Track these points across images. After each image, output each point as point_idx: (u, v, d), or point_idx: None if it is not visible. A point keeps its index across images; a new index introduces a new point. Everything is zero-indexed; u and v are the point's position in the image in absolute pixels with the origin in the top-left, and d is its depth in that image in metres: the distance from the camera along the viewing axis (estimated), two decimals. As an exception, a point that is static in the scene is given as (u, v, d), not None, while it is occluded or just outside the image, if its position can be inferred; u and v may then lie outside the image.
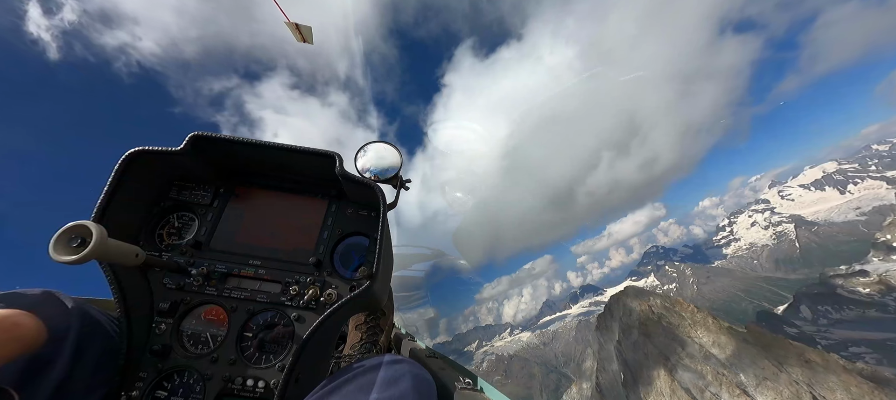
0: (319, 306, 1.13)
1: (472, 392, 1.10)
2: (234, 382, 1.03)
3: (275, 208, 1.26)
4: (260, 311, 1.11)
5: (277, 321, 1.11)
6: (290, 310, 1.12)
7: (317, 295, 1.13)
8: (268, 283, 1.14)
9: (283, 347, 1.09)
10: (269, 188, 1.27)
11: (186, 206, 1.21)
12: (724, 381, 50.52)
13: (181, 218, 1.20)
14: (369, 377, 0.88)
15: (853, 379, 44.18)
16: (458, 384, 1.14)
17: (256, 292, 1.13)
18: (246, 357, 1.07)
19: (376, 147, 1.39)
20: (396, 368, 0.94)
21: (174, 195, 1.20)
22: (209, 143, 1.08)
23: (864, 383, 43.56)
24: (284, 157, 1.15)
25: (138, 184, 1.07)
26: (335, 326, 1.19)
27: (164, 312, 1.05)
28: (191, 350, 1.06)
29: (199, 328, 1.08)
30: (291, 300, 1.12)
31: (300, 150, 1.09)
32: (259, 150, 1.11)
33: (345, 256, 1.23)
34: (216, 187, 1.23)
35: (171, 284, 1.09)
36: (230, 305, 1.10)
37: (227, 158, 1.18)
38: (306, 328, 1.03)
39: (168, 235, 1.17)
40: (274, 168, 1.25)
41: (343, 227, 1.25)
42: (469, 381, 1.21)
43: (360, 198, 1.26)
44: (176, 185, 1.21)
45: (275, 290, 1.14)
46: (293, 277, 1.15)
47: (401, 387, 0.87)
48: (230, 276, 1.14)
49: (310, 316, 1.11)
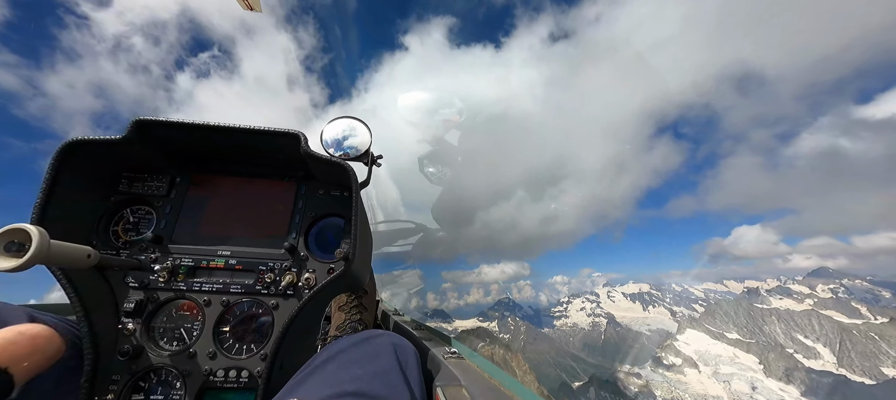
0: (298, 292, 1.09)
1: (459, 360, 1.10)
2: (216, 375, 1.00)
3: (240, 195, 1.19)
4: (235, 302, 1.08)
5: (255, 311, 1.08)
6: (268, 298, 1.09)
7: (294, 281, 1.09)
8: (240, 272, 1.10)
9: (264, 335, 1.06)
10: (231, 174, 1.20)
11: (141, 199, 1.12)
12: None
13: (136, 212, 1.12)
14: (351, 354, 0.87)
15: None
16: (446, 355, 1.14)
17: (229, 284, 1.08)
18: (226, 349, 1.04)
19: (343, 123, 1.30)
20: (378, 342, 0.93)
21: (125, 188, 1.11)
22: (156, 129, 1.00)
23: None
24: (243, 140, 1.07)
25: (80, 179, 0.99)
26: (317, 309, 1.17)
27: (131, 312, 1.00)
28: (165, 348, 1.02)
29: (171, 325, 1.04)
30: (267, 288, 1.09)
31: (259, 132, 1.02)
32: (213, 133, 1.03)
33: (320, 239, 1.19)
34: (171, 177, 1.15)
35: (133, 282, 1.03)
36: (202, 298, 1.06)
37: (180, 145, 1.11)
38: (286, 315, 1.02)
39: (124, 231, 1.09)
40: (234, 152, 1.17)
41: (315, 209, 1.20)
42: (455, 350, 1.22)
43: (330, 178, 1.21)
44: (125, 177, 1.12)
45: (249, 280, 1.09)
46: (267, 265, 1.10)
47: (383, 360, 0.85)
48: (198, 269, 1.08)
49: (289, 303, 1.09)
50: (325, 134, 1.26)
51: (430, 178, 7.93)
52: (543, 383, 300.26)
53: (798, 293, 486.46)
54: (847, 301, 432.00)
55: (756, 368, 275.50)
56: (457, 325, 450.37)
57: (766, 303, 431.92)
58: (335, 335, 1.66)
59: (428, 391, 0.92)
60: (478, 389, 0.83)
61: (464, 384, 0.88)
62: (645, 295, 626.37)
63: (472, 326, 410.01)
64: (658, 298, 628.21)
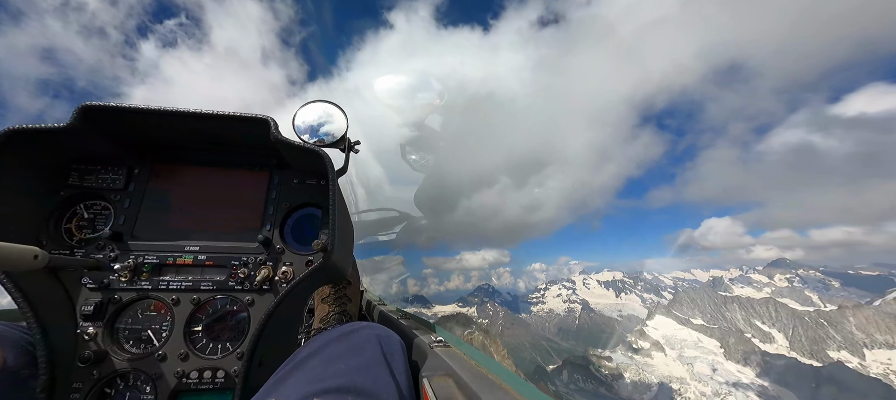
0: (274, 287, 1.04)
1: (445, 348, 1.07)
2: (189, 377, 0.96)
3: (208, 186, 1.11)
4: (207, 299, 1.02)
5: (230, 308, 1.03)
6: (243, 294, 1.03)
7: (270, 275, 1.04)
8: (211, 269, 1.03)
9: (240, 333, 1.02)
10: (196, 164, 1.11)
11: (95, 193, 1.03)
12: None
13: (91, 208, 1.03)
14: (334, 349, 0.84)
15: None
16: (432, 343, 1.11)
17: (199, 280, 1.02)
18: (198, 349, 0.99)
19: (317, 108, 1.20)
20: (362, 335, 0.90)
21: (76, 182, 1.02)
22: (106, 115, 0.89)
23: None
24: (207, 127, 0.99)
25: (22, 172, 0.90)
26: (297, 303, 1.12)
27: (90, 315, 0.93)
28: (131, 351, 0.96)
29: (137, 327, 0.98)
30: (241, 284, 1.03)
31: (223, 117, 0.94)
32: (172, 119, 0.94)
33: (297, 231, 1.13)
34: (129, 168, 1.06)
35: (91, 283, 0.96)
36: (170, 297, 1.00)
37: (136, 132, 1.01)
38: (262, 311, 0.98)
39: (78, 229, 1.01)
40: (198, 140, 1.08)
41: (290, 199, 1.14)
42: (440, 339, 1.19)
43: (305, 166, 1.14)
44: (75, 169, 1.02)
45: (221, 276, 1.03)
46: (240, 260, 1.04)
47: (368, 353, 0.82)
48: (165, 266, 1.01)
49: (265, 298, 1.04)
50: (297, 119, 1.17)
51: (413, 166, 7.39)
52: (520, 366, 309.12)
53: (758, 282, 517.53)
54: (801, 290, 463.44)
55: (717, 351, 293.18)
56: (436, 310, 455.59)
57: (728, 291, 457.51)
58: (319, 328, 1.61)
59: (414, 382, 0.90)
60: (464, 376, 0.81)
61: (450, 373, 0.86)
62: (618, 282, 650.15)
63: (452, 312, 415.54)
64: (630, 286, 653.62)
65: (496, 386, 0.76)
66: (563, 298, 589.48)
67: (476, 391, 0.73)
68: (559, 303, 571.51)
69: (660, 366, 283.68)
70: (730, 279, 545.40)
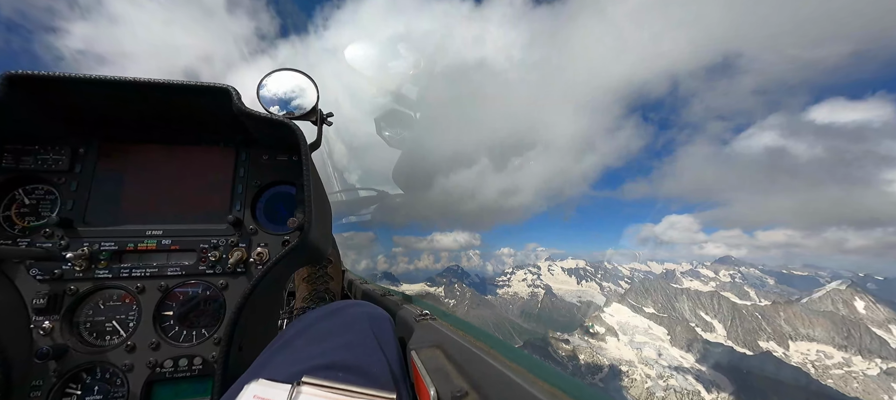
0: (249, 269, 0.99)
1: (431, 321, 1.07)
2: (164, 366, 0.91)
3: (166, 166, 1.01)
4: (176, 285, 0.96)
5: (203, 293, 0.97)
6: (215, 278, 0.98)
7: (244, 257, 0.98)
8: (178, 253, 0.97)
9: (216, 318, 0.97)
10: (151, 141, 1.01)
11: (35, 176, 0.93)
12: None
13: (32, 193, 0.93)
14: (322, 326, 0.82)
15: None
16: (417, 317, 1.10)
17: (165, 266, 0.95)
18: (171, 337, 0.94)
19: (283, 77, 1.08)
20: (350, 312, 0.88)
21: (10, 164, 0.91)
22: (38, 86, 0.77)
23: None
24: (160, 98, 0.87)
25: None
26: (275, 285, 1.08)
27: (43, 309, 0.86)
28: (96, 344, 0.90)
29: (100, 318, 0.91)
30: (213, 268, 0.97)
31: (177, 87, 0.82)
32: (115, 89, 0.81)
33: (270, 210, 1.07)
34: (73, 148, 0.95)
35: (41, 275, 0.88)
36: (134, 285, 0.93)
37: (78, 107, 0.88)
38: (238, 295, 0.93)
39: (19, 216, 0.91)
40: (151, 115, 0.96)
41: (261, 177, 1.06)
42: (426, 312, 1.18)
43: (274, 141, 1.06)
44: (8, 150, 0.91)
45: (189, 260, 0.97)
46: (210, 242, 0.98)
47: (357, 329, 0.81)
48: (125, 253, 0.94)
49: (240, 281, 0.99)
50: (262, 89, 1.06)
51: (389, 142, 7.00)
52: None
53: (705, 276, 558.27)
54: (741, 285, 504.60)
55: (664, 338, 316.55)
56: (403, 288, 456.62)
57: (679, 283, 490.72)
58: (302, 308, 1.59)
59: (403, 355, 0.89)
60: (451, 347, 0.82)
61: (437, 344, 0.87)
62: (581, 270, 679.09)
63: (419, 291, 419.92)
64: (591, 274, 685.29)
65: (483, 352, 0.77)
66: (527, 283, 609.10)
67: (464, 360, 0.74)
68: (524, 287, 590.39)
69: (612, 350, 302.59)
70: (681, 272, 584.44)
